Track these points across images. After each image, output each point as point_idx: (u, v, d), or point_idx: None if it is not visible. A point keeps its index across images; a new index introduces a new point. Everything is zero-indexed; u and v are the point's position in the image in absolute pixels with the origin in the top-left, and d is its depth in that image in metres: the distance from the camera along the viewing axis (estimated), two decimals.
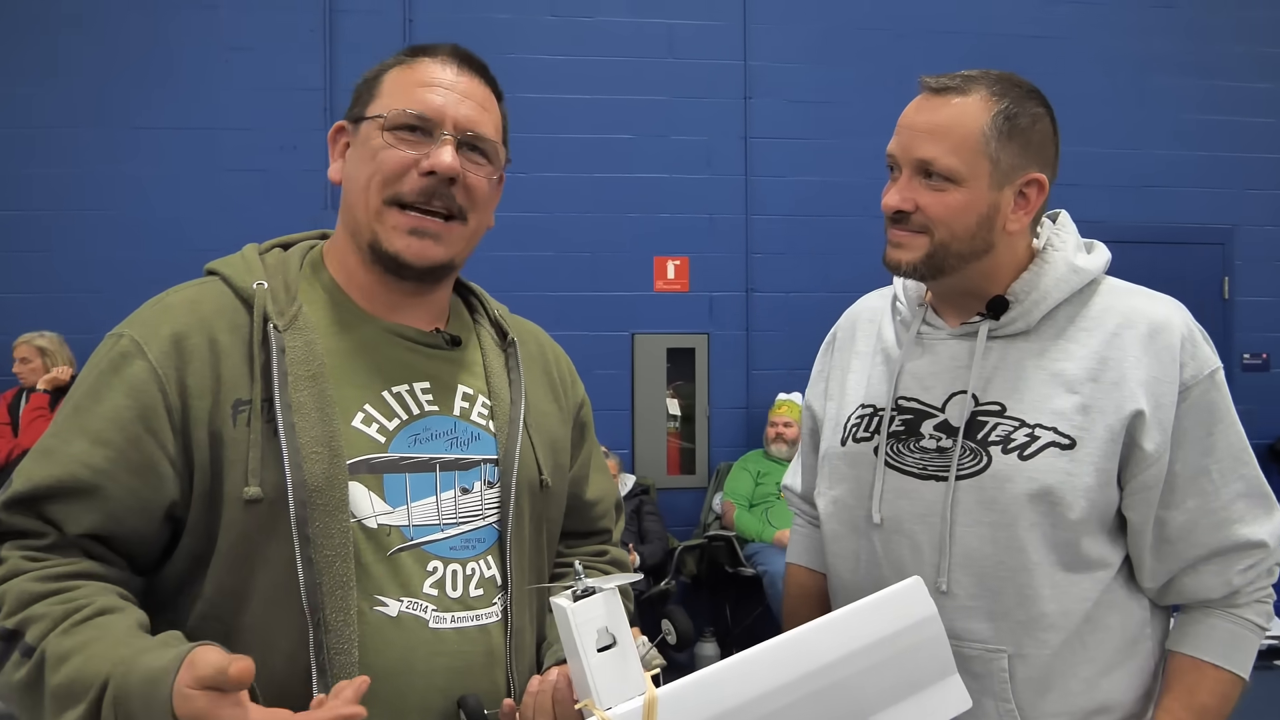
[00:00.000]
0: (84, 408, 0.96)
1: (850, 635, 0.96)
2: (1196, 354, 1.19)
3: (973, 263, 1.22)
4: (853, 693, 0.95)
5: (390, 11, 5.04)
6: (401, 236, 1.04)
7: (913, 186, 1.20)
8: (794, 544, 1.54)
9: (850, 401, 1.36)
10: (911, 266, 1.22)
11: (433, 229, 1.05)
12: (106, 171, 4.92)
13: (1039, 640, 1.18)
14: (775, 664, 0.92)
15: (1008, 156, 1.18)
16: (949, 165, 1.17)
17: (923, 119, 1.20)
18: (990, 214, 1.19)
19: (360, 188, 1.05)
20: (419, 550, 1.02)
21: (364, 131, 1.07)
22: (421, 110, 1.04)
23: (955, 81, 1.19)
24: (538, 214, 5.07)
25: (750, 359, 5.28)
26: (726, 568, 4.65)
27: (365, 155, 1.05)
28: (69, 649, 0.86)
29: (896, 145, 1.22)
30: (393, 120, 1.04)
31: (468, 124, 1.06)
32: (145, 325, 0.99)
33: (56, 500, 0.92)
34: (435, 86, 1.06)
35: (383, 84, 1.08)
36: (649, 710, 0.86)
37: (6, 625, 0.88)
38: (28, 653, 0.87)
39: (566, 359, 1.29)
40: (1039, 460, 1.17)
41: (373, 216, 1.04)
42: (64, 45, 4.90)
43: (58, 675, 0.85)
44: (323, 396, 0.99)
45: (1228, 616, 1.20)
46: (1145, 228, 5.35)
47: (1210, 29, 5.57)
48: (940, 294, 1.30)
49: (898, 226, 1.23)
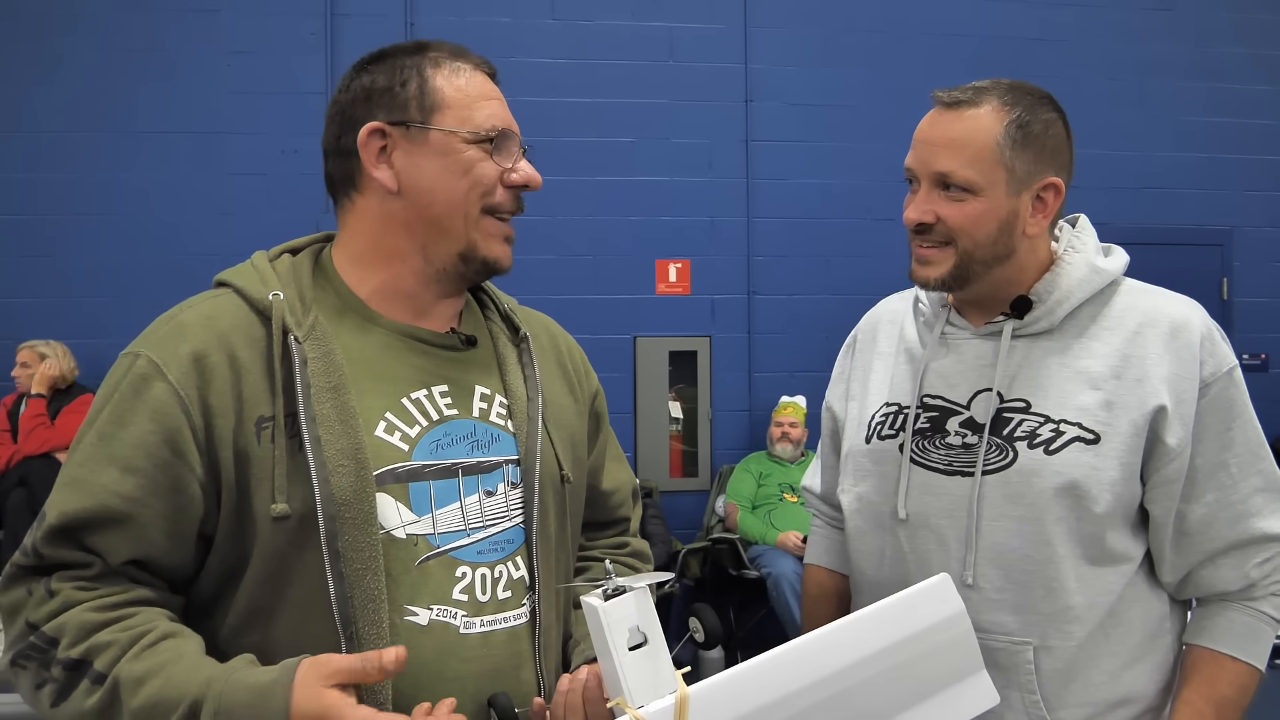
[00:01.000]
0: (109, 434, 0.95)
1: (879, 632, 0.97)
2: (1215, 351, 1.22)
3: (995, 269, 1.24)
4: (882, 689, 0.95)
5: (392, 15, 5.04)
6: (499, 244, 1.09)
7: (932, 199, 1.23)
8: (813, 545, 1.55)
9: (874, 400, 1.38)
10: (940, 281, 1.25)
11: (512, 235, 1.11)
12: (109, 176, 4.91)
13: (1064, 632, 1.20)
14: (805, 662, 0.93)
15: (1023, 164, 1.20)
16: (967, 177, 1.20)
17: (938, 133, 1.22)
18: (1010, 220, 1.22)
19: (457, 198, 1.05)
20: (446, 557, 1.02)
21: (440, 143, 1.05)
22: (504, 125, 1.08)
23: (967, 94, 1.22)
24: (539, 217, 5.07)
25: (752, 361, 5.28)
26: (730, 570, 4.64)
27: (454, 168, 1.05)
28: (144, 672, 0.87)
29: (914, 159, 1.25)
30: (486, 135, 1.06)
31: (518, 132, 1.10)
32: (162, 345, 0.98)
33: (93, 530, 0.93)
34: (494, 98, 1.09)
35: (440, 91, 1.06)
36: (681, 708, 0.87)
37: (72, 655, 0.89)
38: (99, 680, 0.88)
39: (579, 349, 1.29)
40: (1065, 455, 1.19)
41: (473, 227, 1.06)
42: (66, 50, 4.89)
43: (137, 698, 0.86)
44: (345, 408, 0.98)
45: (1245, 610, 1.22)
46: (1145, 229, 5.36)
47: (1210, 31, 5.59)
48: (964, 298, 1.32)
49: (922, 240, 1.25)
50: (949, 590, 1.02)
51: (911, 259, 1.28)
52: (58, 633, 0.90)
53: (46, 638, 0.90)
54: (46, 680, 0.90)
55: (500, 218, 1.09)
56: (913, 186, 1.26)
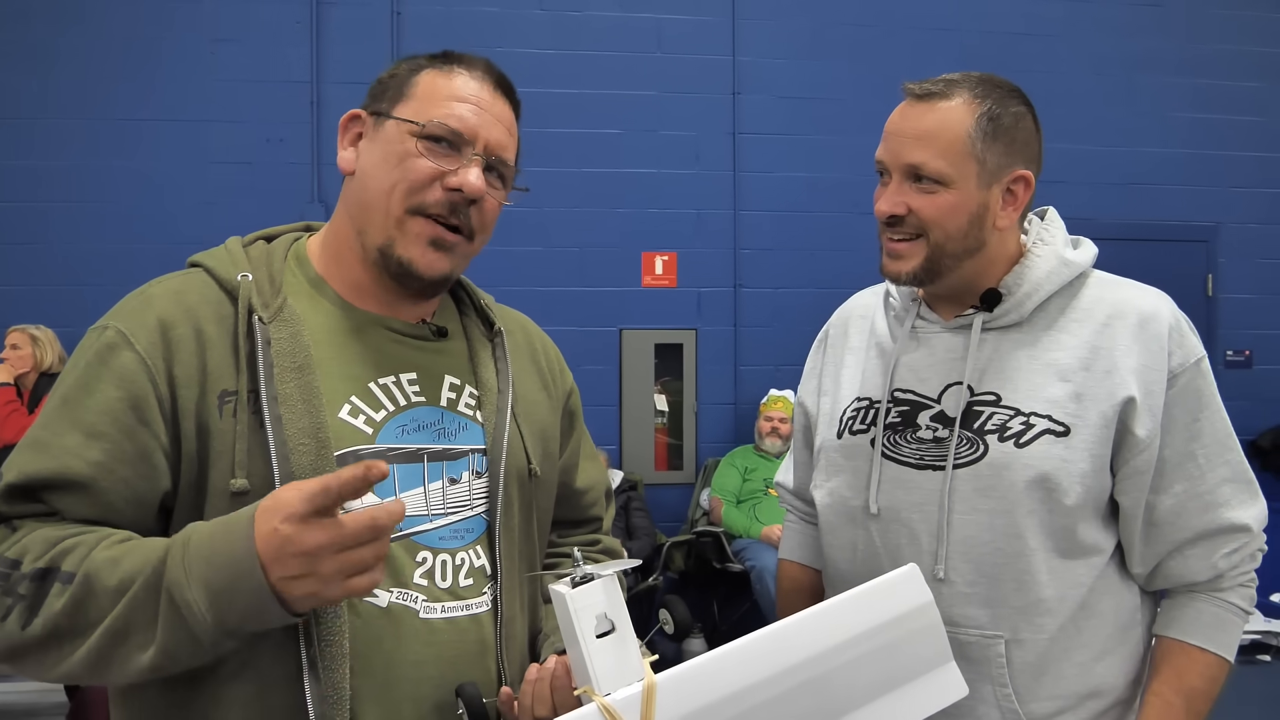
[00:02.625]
0: (74, 400, 0.94)
1: (847, 622, 0.96)
2: (1183, 343, 1.22)
3: (966, 261, 1.24)
4: (850, 679, 0.95)
5: (378, 4, 5.02)
6: (419, 245, 1.04)
7: (904, 191, 1.22)
8: (786, 540, 1.56)
9: (845, 395, 1.38)
10: (911, 275, 1.25)
11: (449, 241, 1.05)
12: (93, 164, 4.88)
13: (1036, 625, 1.20)
14: (773, 651, 0.92)
15: (994, 156, 1.21)
16: (938, 169, 1.20)
17: (909, 125, 1.22)
18: (980, 213, 1.22)
19: (382, 191, 1.04)
20: (408, 541, 1.01)
21: (390, 131, 1.05)
22: (459, 127, 1.03)
23: (938, 86, 1.22)
24: (525, 209, 5.03)
25: (738, 355, 5.28)
26: (714, 563, 4.65)
27: (390, 158, 1.04)
28: (118, 555, 0.87)
29: (885, 152, 1.24)
30: (429, 130, 1.03)
31: (497, 148, 1.06)
32: (130, 316, 0.98)
33: (52, 492, 0.92)
34: (472, 104, 1.05)
35: (416, 86, 1.05)
36: (648, 696, 0.86)
37: (39, 565, 0.87)
38: (68, 579, 0.86)
39: (554, 348, 1.29)
40: (1035, 447, 1.19)
41: (392, 223, 1.04)
42: (50, 37, 4.85)
43: (114, 576, 0.86)
44: (309, 388, 0.98)
45: (1212, 600, 1.23)
46: (1130, 225, 5.39)
47: (1198, 28, 5.61)
48: (934, 291, 1.32)
49: (893, 232, 1.25)
50: (917, 581, 1.02)
51: (882, 254, 1.27)
52: (20, 553, 0.89)
53: (9, 560, 0.89)
54: (12, 605, 0.88)
55: (431, 219, 1.04)
56: (883, 179, 1.26)
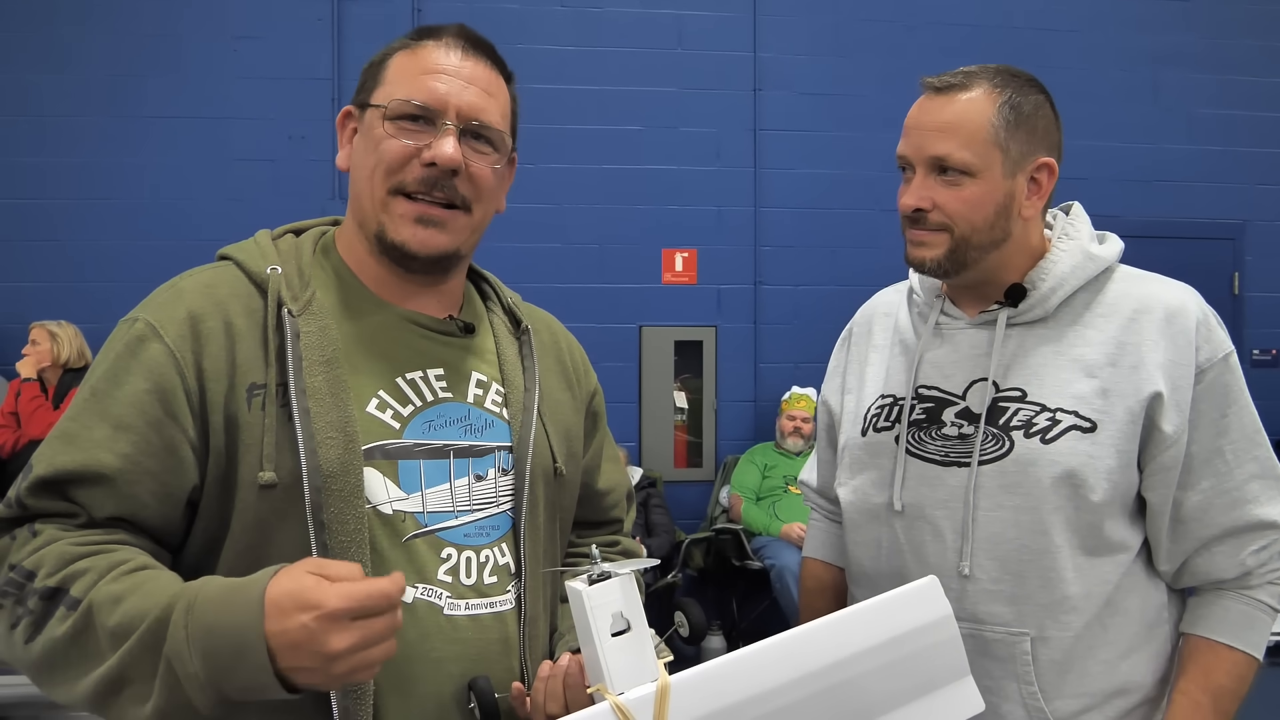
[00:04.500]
0: (102, 392, 0.95)
1: (864, 632, 0.95)
2: (1211, 337, 1.21)
3: (991, 253, 1.24)
4: (864, 690, 0.94)
5: (399, 1, 5.03)
6: (408, 225, 1.03)
7: (928, 185, 1.22)
8: (811, 538, 1.55)
9: (870, 393, 1.37)
10: (935, 263, 1.24)
11: (437, 216, 1.04)
12: (116, 161, 4.92)
13: (1061, 623, 1.19)
14: (788, 658, 0.91)
15: (1017, 144, 1.20)
16: (963, 159, 1.19)
17: (930, 118, 1.22)
18: (1006, 202, 1.21)
19: (365, 177, 1.04)
20: (433, 537, 1.01)
21: (368, 119, 1.05)
22: (424, 100, 1.02)
23: (957, 78, 1.22)
24: (545, 206, 5.06)
25: (758, 352, 5.27)
26: (734, 561, 4.64)
27: (369, 144, 1.04)
28: (121, 592, 0.86)
29: (907, 146, 1.23)
30: (394, 110, 1.02)
31: (471, 112, 1.04)
32: (160, 309, 0.99)
33: (80, 486, 0.92)
34: (439, 73, 1.04)
35: (387, 69, 1.06)
36: (662, 697, 0.86)
37: (49, 584, 0.87)
38: (73, 605, 0.86)
39: (579, 348, 1.29)
40: (1061, 443, 1.18)
41: (378, 206, 1.04)
42: (75, 36, 4.90)
43: (114, 616, 0.85)
44: (337, 382, 0.98)
45: (1241, 598, 1.22)
46: (1156, 222, 5.33)
47: (1223, 23, 5.53)
48: (958, 286, 1.31)
49: (916, 227, 1.24)
50: (936, 593, 1.01)
51: (906, 243, 1.27)
52: (36, 565, 0.89)
53: (25, 571, 0.89)
54: (21, 616, 0.88)
55: (412, 197, 1.03)
56: (906, 174, 1.25)
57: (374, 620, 0.81)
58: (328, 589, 0.80)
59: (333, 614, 0.79)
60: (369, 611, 0.80)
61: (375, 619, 0.81)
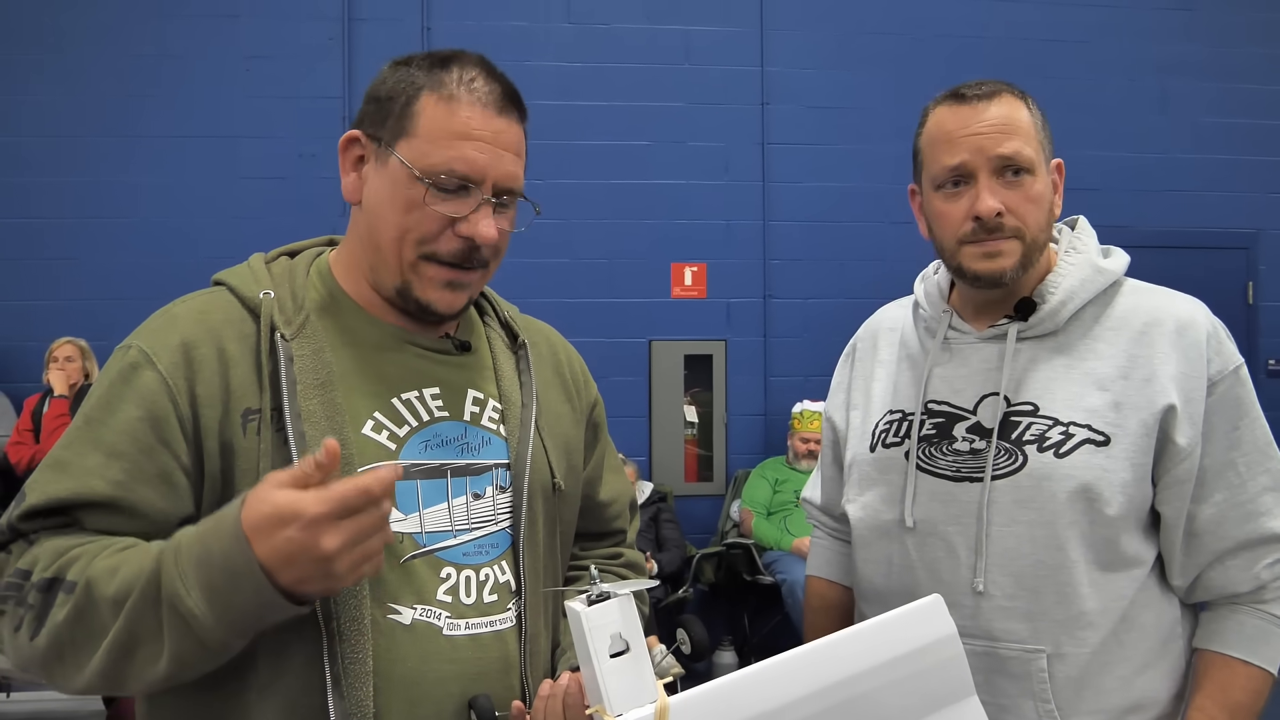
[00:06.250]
0: (96, 419, 0.95)
1: (867, 651, 0.94)
2: (1222, 350, 1.21)
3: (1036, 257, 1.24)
4: (868, 709, 0.93)
5: (409, 20, 5.07)
6: (436, 289, 1.03)
7: (996, 187, 1.20)
8: (814, 556, 1.54)
9: (877, 408, 1.37)
10: (1013, 272, 1.22)
11: (466, 280, 1.04)
12: (128, 180, 4.97)
13: (1078, 639, 1.18)
14: (790, 677, 0.91)
15: (1046, 143, 1.24)
16: (1029, 156, 1.21)
17: (986, 121, 1.20)
18: (1049, 202, 1.24)
19: (392, 236, 1.01)
20: (432, 557, 1.01)
21: (395, 171, 1.01)
22: (465, 172, 0.99)
23: (989, 87, 1.23)
24: (554, 221, 5.07)
25: (768, 365, 5.26)
26: (744, 576, 4.62)
27: (398, 203, 1.00)
28: (115, 564, 0.87)
29: (966, 152, 1.20)
30: (437, 182, 0.99)
31: (507, 182, 1.02)
32: (153, 336, 0.99)
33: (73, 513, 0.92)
34: (476, 140, 1.00)
35: (418, 117, 1.00)
36: (660, 718, 0.85)
37: (46, 576, 0.88)
38: (71, 589, 0.87)
39: (579, 359, 1.28)
40: (1075, 457, 1.18)
41: (407, 268, 1.02)
42: (88, 57, 4.95)
43: (111, 586, 0.85)
44: (332, 405, 0.98)
45: (1255, 612, 1.21)
46: (1168, 232, 5.30)
47: (1231, 32, 5.52)
48: (968, 300, 1.31)
49: (993, 236, 1.21)
50: (941, 612, 1.00)
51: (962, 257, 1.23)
52: (32, 563, 0.90)
53: (22, 571, 0.90)
54: (24, 615, 0.88)
55: (443, 264, 1.02)
56: (959, 187, 1.22)
57: (359, 517, 0.81)
58: (304, 497, 0.80)
59: (314, 519, 0.79)
60: (350, 509, 0.80)
61: (360, 515, 0.81)
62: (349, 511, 0.80)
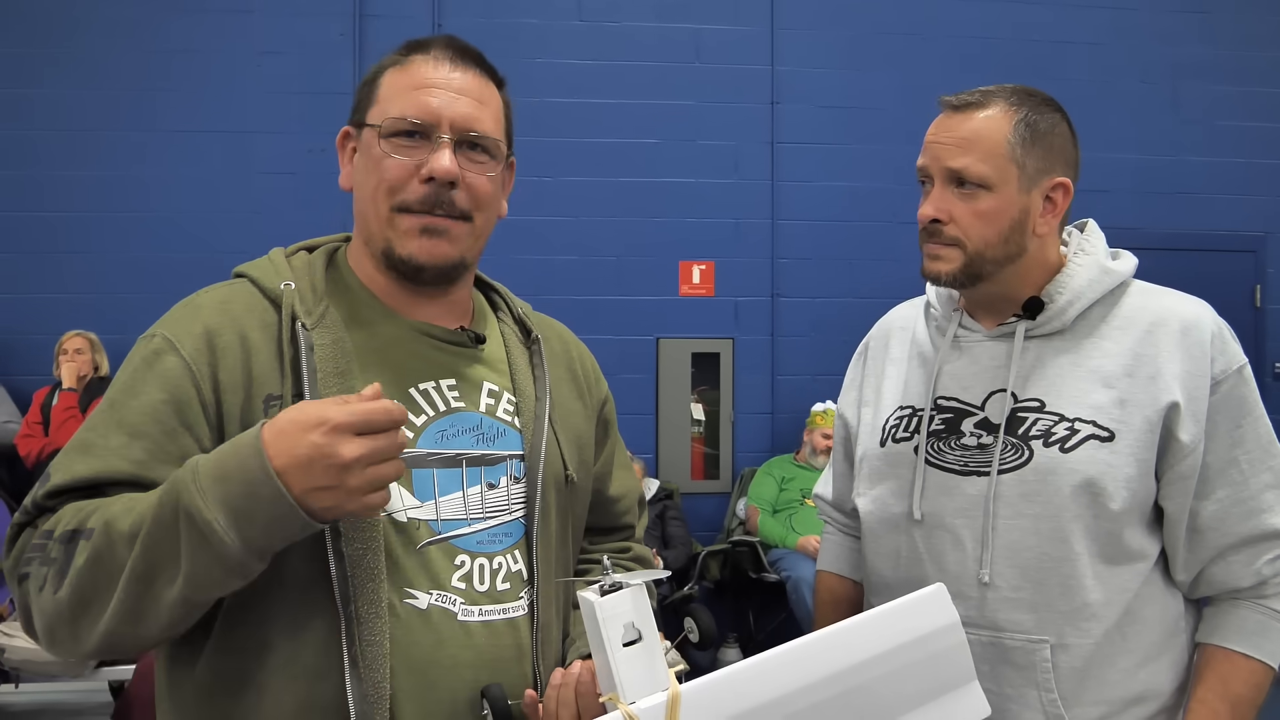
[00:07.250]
0: (119, 403, 0.97)
1: (872, 639, 0.96)
2: (1226, 350, 1.24)
3: (1007, 267, 1.26)
4: (873, 697, 0.95)
5: (419, 16, 5.08)
6: (414, 238, 1.05)
7: (945, 197, 1.25)
8: (825, 551, 1.56)
9: (888, 405, 1.39)
10: (951, 276, 1.26)
11: (441, 225, 1.05)
12: (142, 173, 4.99)
13: (1081, 630, 1.21)
14: (797, 665, 0.93)
15: (1033, 161, 1.23)
16: (980, 172, 1.22)
17: (949, 133, 1.25)
18: (1021, 218, 1.24)
19: (368, 196, 1.06)
20: (447, 544, 1.03)
21: (365, 139, 1.07)
22: (417, 115, 1.04)
23: (975, 97, 1.25)
24: (563, 218, 5.09)
25: (775, 364, 5.27)
26: (750, 573, 4.64)
27: (369, 164, 1.06)
28: (132, 504, 0.89)
29: (927, 158, 1.27)
30: (388, 128, 1.04)
31: (465, 123, 1.05)
32: (177, 324, 1.02)
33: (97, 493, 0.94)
34: (429, 87, 1.05)
35: (380, 87, 1.08)
36: (673, 706, 0.87)
37: (68, 529, 0.90)
38: (89, 535, 0.89)
39: (590, 356, 1.30)
40: (1080, 452, 1.20)
41: (384, 224, 1.06)
42: (104, 52, 4.98)
43: (127, 522, 0.87)
44: (351, 393, 0.99)
45: (1256, 607, 1.23)
46: (1177, 234, 5.30)
47: (1243, 35, 5.50)
48: (974, 300, 1.33)
49: (932, 241, 1.26)
50: (944, 600, 1.02)
51: (923, 256, 1.29)
52: (55, 523, 0.92)
53: (45, 531, 0.92)
54: (47, 572, 0.90)
55: (414, 212, 1.05)
56: (925, 188, 1.28)
57: (379, 436, 0.84)
58: (330, 405, 0.84)
59: (339, 425, 0.83)
60: (373, 426, 0.84)
61: (380, 435, 0.84)
62: (371, 428, 0.84)
